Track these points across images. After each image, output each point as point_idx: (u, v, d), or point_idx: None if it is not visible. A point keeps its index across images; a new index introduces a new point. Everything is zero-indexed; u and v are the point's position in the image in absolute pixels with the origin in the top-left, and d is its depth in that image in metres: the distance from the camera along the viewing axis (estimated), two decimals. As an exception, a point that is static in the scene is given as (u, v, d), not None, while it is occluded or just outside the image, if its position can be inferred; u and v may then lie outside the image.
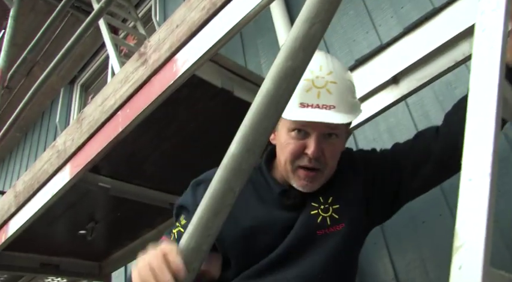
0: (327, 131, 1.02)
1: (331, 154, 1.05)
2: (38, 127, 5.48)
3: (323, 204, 1.07)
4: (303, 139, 1.03)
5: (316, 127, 1.01)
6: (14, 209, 2.04)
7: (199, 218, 0.74)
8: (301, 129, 1.02)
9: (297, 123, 1.02)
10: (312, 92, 1.00)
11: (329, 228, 1.05)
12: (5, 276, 2.67)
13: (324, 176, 1.07)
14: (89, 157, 1.59)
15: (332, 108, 0.99)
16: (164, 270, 0.73)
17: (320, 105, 0.99)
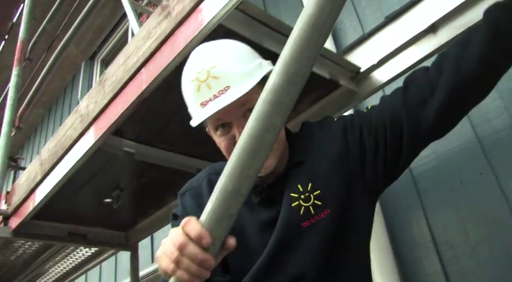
0: (241, 111, 0.94)
1: None
2: (61, 103, 5.50)
3: (303, 193, 0.99)
4: (230, 131, 0.97)
5: (228, 114, 0.94)
6: (40, 177, 2.02)
7: (236, 159, 0.68)
8: (221, 125, 0.97)
9: (212, 122, 0.97)
10: (202, 88, 0.94)
11: (314, 218, 0.97)
12: (36, 245, 2.69)
13: (274, 151, 0.97)
14: (113, 119, 1.55)
15: (228, 89, 0.92)
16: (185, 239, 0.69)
17: (215, 94, 0.92)
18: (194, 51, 1.03)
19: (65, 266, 3.22)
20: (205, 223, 0.69)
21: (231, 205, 0.69)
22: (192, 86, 0.95)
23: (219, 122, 0.96)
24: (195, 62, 0.99)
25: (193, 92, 0.96)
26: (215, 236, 0.69)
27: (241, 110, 0.94)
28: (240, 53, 1.00)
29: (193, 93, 0.96)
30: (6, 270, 3.11)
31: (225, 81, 0.92)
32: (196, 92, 0.95)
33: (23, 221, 2.23)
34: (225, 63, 0.94)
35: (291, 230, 0.97)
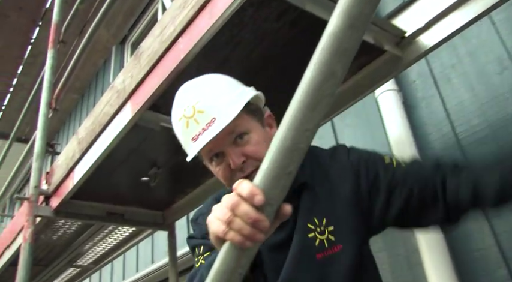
0: (231, 138, 0.98)
1: (254, 150, 0.98)
2: (93, 88, 5.56)
3: (319, 227, 1.01)
4: (223, 159, 1.00)
5: (218, 144, 0.97)
6: (78, 156, 2.03)
7: (294, 111, 0.63)
8: (214, 155, 1.00)
9: (205, 154, 1.01)
10: (190, 124, 0.98)
11: (327, 251, 0.99)
12: (76, 225, 2.73)
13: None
14: (150, 93, 1.51)
15: (214, 121, 0.95)
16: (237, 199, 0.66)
17: (203, 127, 0.96)
18: (179, 90, 1.08)
19: (103, 246, 3.27)
20: (260, 183, 0.64)
21: (289, 162, 0.63)
22: (181, 123, 1.01)
23: (212, 153, 1.00)
24: (181, 100, 1.04)
25: (183, 129, 1.00)
26: (271, 197, 0.65)
27: (231, 138, 0.98)
28: (222, 84, 1.05)
29: (183, 130, 1.00)
30: (49, 250, 3.18)
31: (210, 113, 0.96)
32: (185, 128, 0.99)
33: (63, 201, 2.25)
34: (208, 97, 0.99)
35: (306, 258, 0.99)
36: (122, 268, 4.21)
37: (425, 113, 1.86)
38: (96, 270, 3.90)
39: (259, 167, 0.65)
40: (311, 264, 0.98)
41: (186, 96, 1.03)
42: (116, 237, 3.08)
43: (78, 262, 3.59)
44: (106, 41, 4.69)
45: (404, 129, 1.85)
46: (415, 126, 1.88)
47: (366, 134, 2.08)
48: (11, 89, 5.53)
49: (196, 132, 0.97)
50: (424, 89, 1.89)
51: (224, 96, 1.00)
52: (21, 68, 5.18)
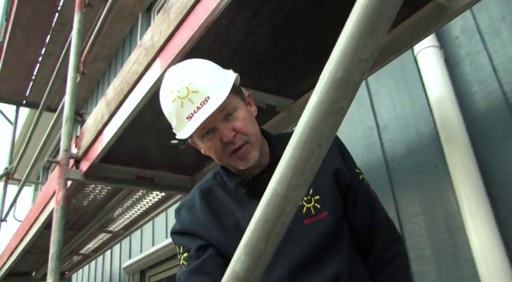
0: (222, 116, 1.05)
1: (242, 125, 1.07)
2: (120, 56, 5.53)
3: (306, 196, 1.12)
4: (215, 135, 1.06)
5: (212, 121, 1.03)
6: (107, 117, 2.00)
7: (347, 39, 0.55)
8: (204, 132, 1.06)
9: (198, 132, 1.05)
10: (185, 103, 1.03)
11: (314, 217, 1.11)
12: (106, 190, 2.74)
13: (254, 143, 1.09)
14: (180, 47, 1.45)
15: (208, 99, 1.02)
16: None
17: (198, 106, 1.02)
18: (166, 75, 1.12)
19: (133, 212, 3.29)
20: (308, 119, 0.58)
21: (341, 96, 0.56)
22: (175, 104, 1.05)
23: (205, 130, 1.06)
24: (172, 83, 1.08)
25: (177, 109, 1.05)
26: (322, 134, 0.58)
27: (222, 115, 1.05)
28: (209, 67, 1.12)
29: (177, 110, 1.05)
30: (81, 215, 3.23)
31: (204, 93, 1.02)
32: (180, 108, 1.04)
33: (92, 164, 2.24)
34: (200, 78, 1.05)
35: (294, 225, 1.05)
36: (151, 234, 4.26)
37: (469, 70, 1.74)
38: (127, 236, 3.95)
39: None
40: (299, 228, 1.10)
41: (176, 79, 1.07)
42: (145, 203, 3.09)
43: (109, 227, 3.64)
44: (132, 6, 4.63)
45: (446, 88, 1.74)
46: (457, 85, 1.76)
47: (403, 95, 1.98)
48: (39, 58, 5.56)
49: (191, 111, 1.02)
50: (468, 45, 1.76)
51: (214, 77, 1.07)
52: (49, 37, 5.18)
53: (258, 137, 1.12)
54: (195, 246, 1.16)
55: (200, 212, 1.19)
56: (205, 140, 1.08)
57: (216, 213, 1.17)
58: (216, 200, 1.20)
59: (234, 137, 1.05)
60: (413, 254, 1.80)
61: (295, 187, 0.60)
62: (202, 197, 1.21)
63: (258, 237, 0.63)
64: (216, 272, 1.09)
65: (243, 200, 1.16)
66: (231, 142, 1.05)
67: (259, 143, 1.12)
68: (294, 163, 0.59)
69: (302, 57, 1.66)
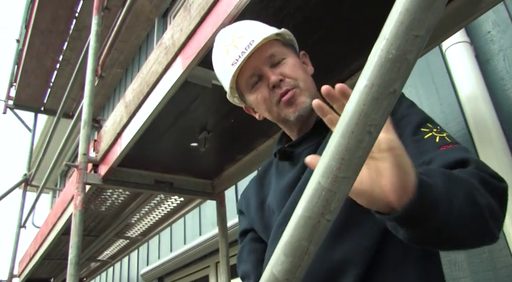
0: (269, 62, 1.02)
1: (291, 69, 1.02)
2: (137, 62, 5.55)
3: None
4: (263, 83, 1.02)
5: (258, 66, 1.01)
6: (126, 119, 1.96)
7: (400, 14, 0.49)
8: (253, 81, 1.03)
9: (247, 81, 1.03)
10: (230, 50, 1.02)
11: None
12: (124, 195, 2.71)
13: (305, 89, 1.02)
14: (202, 43, 1.40)
15: (252, 42, 0.99)
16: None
17: (243, 51, 0.99)
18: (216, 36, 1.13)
19: (151, 217, 3.25)
20: (357, 104, 0.52)
21: (394, 78, 0.50)
22: (221, 54, 1.04)
23: (253, 79, 1.03)
24: (221, 37, 1.09)
25: (223, 58, 1.04)
26: (371, 122, 0.52)
27: (270, 61, 1.01)
28: (258, 22, 1.10)
29: (223, 59, 1.03)
30: (99, 221, 3.20)
31: (249, 37, 1.00)
32: (225, 55, 1.03)
33: (111, 168, 2.21)
34: (245, 26, 1.06)
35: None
36: (169, 240, 4.22)
37: (503, 66, 1.66)
38: (145, 242, 3.92)
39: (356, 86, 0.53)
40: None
41: (225, 31, 1.09)
42: (164, 208, 3.05)
43: (126, 233, 3.61)
44: (149, 11, 4.64)
45: (478, 86, 1.66)
46: (490, 82, 1.69)
47: (431, 93, 1.90)
48: (57, 65, 5.60)
49: (237, 56, 1.00)
50: (502, 39, 1.68)
51: (261, 26, 1.07)
52: (67, 43, 5.21)
53: (310, 85, 1.04)
54: (239, 231, 1.18)
55: (252, 189, 1.18)
56: (253, 92, 1.04)
57: (263, 190, 1.14)
58: (269, 173, 1.16)
59: (281, 81, 1.00)
60: (445, 259, 1.72)
61: (342, 181, 0.54)
62: (261, 172, 1.19)
63: (299, 237, 0.56)
64: (248, 259, 1.09)
65: (283, 170, 1.08)
66: (277, 86, 1.00)
67: (312, 91, 1.03)
68: (341, 154, 0.53)
69: (327, 55, 1.60)
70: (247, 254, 1.10)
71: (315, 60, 1.62)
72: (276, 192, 1.06)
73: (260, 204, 1.10)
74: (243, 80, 1.04)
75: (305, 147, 1.04)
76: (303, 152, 1.03)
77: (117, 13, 3.77)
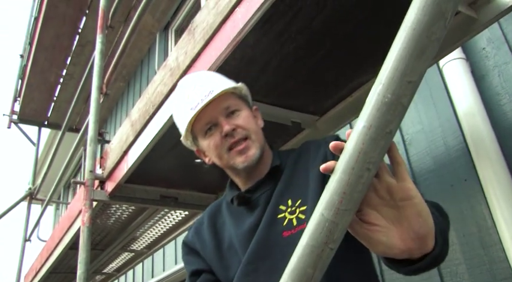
0: (225, 112, 1.08)
1: (244, 121, 1.09)
2: (139, 76, 5.60)
3: (290, 207, 1.06)
4: (216, 130, 1.08)
5: (214, 115, 1.08)
6: (132, 138, 2.01)
7: (395, 61, 0.54)
8: (207, 128, 1.09)
9: (201, 127, 1.10)
10: (190, 96, 1.09)
11: (295, 229, 1.03)
12: (130, 210, 2.74)
13: (256, 141, 1.09)
14: (206, 67, 1.46)
15: (212, 92, 1.06)
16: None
17: (202, 98, 1.06)
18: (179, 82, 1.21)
19: (156, 231, 3.29)
20: (356, 144, 0.57)
21: (390, 120, 0.55)
22: (182, 98, 1.12)
23: (208, 126, 1.09)
24: (183, 83, 1.17)
25: (182, 101, 1.11)
26: (369, 160, 0.57)
27: (225, 112, 1.08)
28: (218, 74, 1.21)
29: (183, 103, 1.11)
30: (105, 235, 3.24)
31: (208, 87, 1.08)
32: (185, 100, 1.10)
33: (118, 184, 2.25)
34: (207, 77, 1.16)
35: (272, 237, 1.04)
36: (174, 253, 4.25)
37: (498, 82, 1.71)
38: (150, 255, 3.95)
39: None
40: (277, 241, 1.03)
41: (188, 79, 1.17)
42: (169, 222, 3.09)
43: (132, 247, 3.64)
44: (151, 26, 4.70)
45: (475, 101, 1.71)
46: (485, 97, 1.73)
47: (429, 108, 1.95)
48: (61, 80, 5.66)
49: (196, 102, 1.07)
50: (496, 55, 1.74)
51: (221, 78, 1.16)
52: (70, 58, 5.28)
53: (260, 137, 1.12)
54: (190, 270, 1.19)
55: (205, 230, 1.20)
56: (206, 138, 1.10)
57: (218, 232, 1.18)
58: (220, 217, 1.20)
59: (234, 131, 1.06)
60: (446, 270, 1.75)
61: (344, 213, 0.58)
62: (210, 215, 1.23)
63: (305, 264, 0.61)
64: None
65: (240, 214, 1.13)
66: (230, 135, 1.06)
67: (262, 143, 1.11)
68: (342, 188, 0.58)
69: (328, 74, 1.65)
70: None
71: (315, 79, 1.68)
72: (238, 236, 1.10)
73: (217, 246, 1.15)
74: (198, 125, 1.10)
75: (261, 192, 1.11)
76: (260, 197, 1.10)
77: (120, 29, 3.85)
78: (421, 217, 0.64)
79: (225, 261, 1.12)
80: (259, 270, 1.03)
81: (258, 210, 1.09)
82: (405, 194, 0.64)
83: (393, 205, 0.65)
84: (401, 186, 0.64)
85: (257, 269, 1.03)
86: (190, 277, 1.17)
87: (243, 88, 1.17)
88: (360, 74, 1.67)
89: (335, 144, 0.61)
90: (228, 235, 1.14)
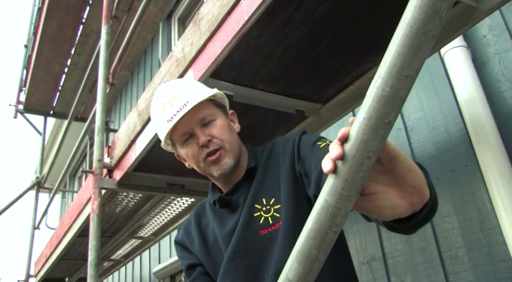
0: (200, 123, 1.13)
1: (219, 131, 1.13)
2: (142, 65, 5.63)
3: (265, 206, 1.11)
4: (193, 140, 1.13)
5: (190, 126, 1.12)
6: (140, 127, 2.05)
7: (393, 56, 0.58)
8: (185, 138, 1.13)
9: (179, 138, 1.14)
10: (167, 108, 1.12)
11: (271, 227, 1.08)
12: (138, 198, 2.80)
13: (229, 150, 1.13)
14: (212, 59, 1.49)
15: (187, 103, 1.10)
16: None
17: (178, 110, 1.10)
18: (157, 88, 1.23)
19: (163, 217, 3.36)
20: (357, 134, 0.61)
21: (389, 112, 0.59)
22: (159, 109, 1.15)
23: (185, 136, 1.13)
24: (159, 94, 1.19)
25: (159, 113, 1.15)
26: (369, 149, 0.61)
27: (201, 122, 1.13)
28: (192, 81, 1.26)
29: (160, 114, 1.14)
30: (113, 222, 3.30)
31: (184, 98, 1.12)
32: (162, 112, 1.14)
33: (126, 173, 2.30)
34: (182, 87, 1.17)
35: (250, 236, 1.10)
36: (180, 239, 4.33)
37: (499, 69, 1.74)
38: (156, 242, 4.03)
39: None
40: (255, 239, 1.09)
41: (163, 89, 1.19)
42: (175, 209, 3.15)
43: (139, 233, 3.72)
44: (155, 15, 4.72)
45: (475, 88, 1.74)
46: (486, 84, 1.77)
47: (430, 95, 1.98)
48: (65, 70, 5.70)
49: (171, 115, 1.11)
50: (497, 43, 1.76)
51: (196, 88, 1.18)
52: (74, 48, 5.31)
53: (235, 146, 1.16)
54: (185, 264, 1.24)
55: (193, 229, 1.27)
56: (184, 146, 1.14)
57: (203, 231, 1.24)
58: (205, 217, 1.27)
59: (209, 142, 1.11)
60: (446, 254, 1.80)
61: (346, 198, 0.63)
62: (196, 214, 1.29)
63: (310, 246, 0.66)
64: None
65: (223, 215, 1.19)
66: (205, 146, 1.10)
67: (236, 152, 1.15)
68: (344, 176, 0.62)
69: (330, 63, 1.68)
70: None
71: (318, 68, 1.71)
72: (222, 236, 1.16)
73: (204, 244, 1.22)
74: (176, 135, 1.14)
75: (240, 193, 1.16)
76: (239, 198, 1.16)
77: (123, 18, 3.87)
78: (412, 171, 0.68)
79: (212, 258, 1.20)
80: (239, 268, 1.09)
81: (238, 211, 1.15)
82: (390, 156, 0.67)
83: (384, 170, 0.69)
84: (385, 151, 0.67)
85: (237, 266, 1.10)
86: (187, 271, 1.24)
87: (218, 95, 1.20)
88: (361, 63, 1.70)
89: (342, 134, 0.64)
90: (213, 234, 1.21)
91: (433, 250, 1.86)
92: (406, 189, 0.69)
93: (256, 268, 1.08)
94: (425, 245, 1.90)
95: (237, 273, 1.10)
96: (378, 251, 2.11)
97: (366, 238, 2.18)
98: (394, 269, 2.02)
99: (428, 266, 1.87)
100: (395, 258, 2.02)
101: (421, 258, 1.91)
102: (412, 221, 0.73)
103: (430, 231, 1.88)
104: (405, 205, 0.69)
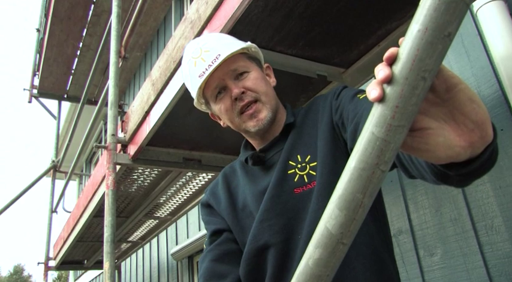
0: (233, 75, 1.07)
1: (253, 83, 1.06)
2: (155, 46, 5.54)
3: (300, 163, 1.05)
4: (226, 94, 1.07)
5: (223, 79, 1.06)
6: (154, 97, 1.98)
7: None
8: (217, 92, 1.08)
9: (211, 92, 1.08)
10: (198, 63, 1.06)
11: (306, 186, 1.02)
12: (153, 175, 2.74)
13: (266, 103, 1.07)
14: (228, 16, 1.40)
15: (219, 57, 1.04)
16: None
17: (209, 64, 1.04)
18: (186, 47, 1.17)
19: (179, 196, 3.30)
20: (410, 50, 0.50)
21: (449, 20, 0.48)
22: (189, 64, 1.09)
23: (217, 90, 1.08)
24: (189, 49, 1.12)
25: (190, 69, 1.08)
26: (425, 68, 0.51)
27: (233, 74, 1.06)
28: (225, 35, 1.18)
29: (191, 70, 1.08)
30: (129, 201, 3.26)
31: (215, 51, 1.05)
32: (193, 67, 1.07)
33: (140, 147, 2.23)
34: (213, 40, 1.10)
35: (283, 194, 1.02)
36: (197, 220, 4.28)
37: (538, 23, 1.61)
38: (173, 222, 3.98)
39: None
40: (289, 198, 1.02)
41: (193, 44, 1.12)
42: (192, 186, 3.09)
43: (156, 213, 3.67)
44: (166, -7, 4.62)
45: (513, 45, 1.61)
46: (524, 41, 1.63)
47: (461, 57, 1.86)
48: (78, 52, 5.64)
49: (203, 69, 1.05)
50: (536, -5, 1.63)
51: (227, 41, 1.12)
52: (86, 29, 5.24)
53: (271, 98, 1.09)
54: (211, 229, 1.17)
55: (220, 190, 1.19)
56: (217, 101, 1.09)
57: (232, 194, 1.16)
58: (235, 179, 1.19)
59: (243, 94, 1.05)
60: (481, 224, 1.70)
61: (396, 129, 0.53)
62: (224, 176, 1.22)
63: (353, 189, 0.56)
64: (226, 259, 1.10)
65: (255, 174, 1.13)
66: (239, 99, 1.05)
67: (273, 104, 1.09)
68: (394, 102, 0.52)
69: (353, 21, 1.57)
70: (226, 255, 1.11)
71: (340, 26, 1.60)
72: (253, 195, 1.09)
73: (232, 206, 1.13)
74: (208, 91, 1.09)
75: (275, 151, 1.10)
76: (274, 156, 1.09)
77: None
78: (475, 102, 0.54)
79: (240, 222, 1.11)
80: (274, 227, 1.01)
81: (273, 169, 1.08)
82: (449, 83, 0.54)
83: (439, 102, 0.56)
84: (441, 77, 0.55)
85: (271, 226, 1.02)
86: (211, 236, 1.16)
87: (252, 47, 1.13)
88: (388, 20, 1.59)
89: (389, 53, 0.53)
90: (242, 196, 1.13)
91: (465, 221, 1.76)
92: (466, 124, 0.55)
93: (290, 229, 1.00)
94: (456, 215, 1.80)
95: (270, 233, 1.01)
96: (405, 224, 2.01)
97: (391, 210, 2.08)
98: (423, 242, 1.92)
99: (460, 237, 1.77)
100: (424, 231, 1.92)
101: (452, 230, 1.81)
102: (470, 167, 0.59)
103: (461, 200, 1.78)
104: (463, 144, 0.55)
